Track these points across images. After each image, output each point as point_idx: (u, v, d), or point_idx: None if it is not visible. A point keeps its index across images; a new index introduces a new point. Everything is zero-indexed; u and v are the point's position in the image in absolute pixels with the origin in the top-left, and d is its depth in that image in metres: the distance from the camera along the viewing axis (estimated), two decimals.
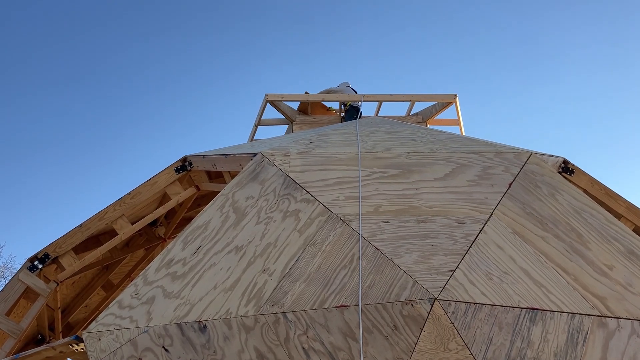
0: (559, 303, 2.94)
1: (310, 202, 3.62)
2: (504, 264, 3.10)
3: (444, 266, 2.99)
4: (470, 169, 3.97)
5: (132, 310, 3.24)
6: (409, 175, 3.89)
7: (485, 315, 2.79)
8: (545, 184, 3.91)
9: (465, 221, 3.39)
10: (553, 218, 3.60)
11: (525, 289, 2.97)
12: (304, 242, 3.33)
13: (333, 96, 8.95)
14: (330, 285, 3.00)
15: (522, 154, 4.19)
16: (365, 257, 3.11)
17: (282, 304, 2.96)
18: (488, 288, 2.90)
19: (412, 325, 2.75)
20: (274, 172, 3.98)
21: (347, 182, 3.82)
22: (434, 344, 2.73)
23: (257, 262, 3.30)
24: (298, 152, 4.19)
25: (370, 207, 3.54)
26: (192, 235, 3.67)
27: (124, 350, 3.07)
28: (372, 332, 2.79)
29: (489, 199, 3.62)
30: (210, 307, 3.09)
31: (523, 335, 2.80)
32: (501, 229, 3.37)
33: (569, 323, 2.88)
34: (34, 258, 4.94)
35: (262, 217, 3.63)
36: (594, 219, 3.70)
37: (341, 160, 4.10)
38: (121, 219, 5.21)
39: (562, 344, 2.83)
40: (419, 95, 8.72)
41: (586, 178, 4.67)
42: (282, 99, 8.55)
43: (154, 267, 3.50)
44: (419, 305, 2.76)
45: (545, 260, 3.23)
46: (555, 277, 3.12)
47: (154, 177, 5.20)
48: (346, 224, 3.38)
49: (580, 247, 3.41)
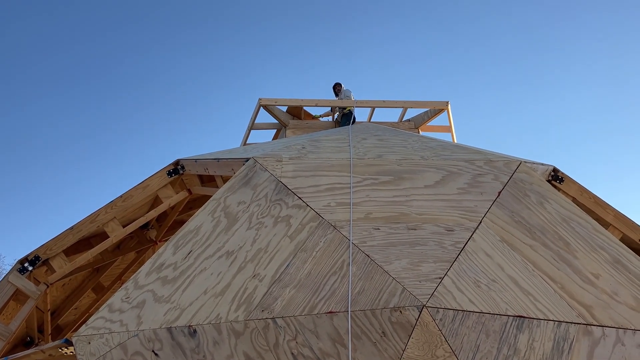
0: (546, 311, 2.98)
1: (302, 207, 3.64)
2: (492, 271, 3.14)
3: (432, 273, 3.02)
4: (460, 177, 4.01)
5: (122, 314, 3.25)
6: (399, 182, 3.92)
7: (472, 322, 2.82)
8: (534, 193, 3.96)
9: (455, 229, 3.42)
10: (541, 226, 3.64)
11: (512, 297, 3.00)
12: (294, 247, 3.36)
13: (326, 101, 8.99)
14: (320, 292, 3.02)
15: (511, 162, 4.23)
16: (355, 263, 3.14)
17: (272, 309, 2.98)
18: (476, 295, 2.94)
19: (400, 331, 2.77)
20: (266, 178, 4.00)
21: (338, 188, 3.85)
22: (421, 351, 2.76)
23: (248, 267, 3.31)
24: (290, 158, 4.22)
25: (361, 213, 3.57)
26: (183, 239, 3.69)
27: (113, 354, 3.07)
28: (361, 339, 2.82)
29: (479, 207, 3.66)
30: (200, 311, 3.11)
31: (510, 342, 2.83)
32: (490, 237, 3.41)
33: (555, 331, 2.91)
34: (24, 260, 4.92)
35: (253, 223, 3.65)
36: (582, 227, 3.74)
37: (333, 166, 4.13)
38: (112, 221, 5.20)
39: (548, 351, 2.86)
40: (411, 101, 8.79)
41: (575, 186, 4.73)
42: (276, 104, 8.58)
43: (145, 271, 3.51)
44: (407, 312, 2.79)
45: (532, 268, 3.27)
46: (543, 286, 3.16)
47: (146, 180, 5.20)
48: (337, 230, 3.40)
49: (567, 256, 3.45)
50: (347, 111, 8.87)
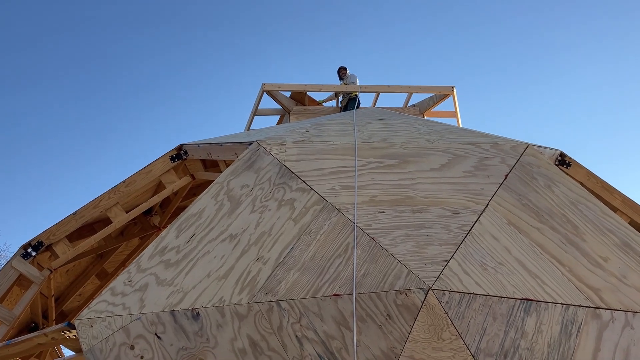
0: (554, 294, 2.93)
1: (306, 191, 3.60)
2: (498, 254, 3.09)
3: (438, 256, 2.97)
4: (466, 160, 3.95)
5: (124, 297, 3.22)
6: (405, 166, 3.87)
7: (479, 305, 2.78)
8: (541, 176, 3.90)
9: (461, 211, 3.37)
10: (549, 210, 3.59)
11: (519, 280, 2.96)
12: (298, 231, 3.32)
13: (330, 87, 8.92)
14: (324, 274, 2.98)
15: (518, 145, 4.17)
16: (359, 246, 3.10)
17: (275, 292, 2.95)
18: (482, 278, 2.89)
19: (405, 314, 2.74)
20: (270, 161, 3.95)
21: (343, 171, 3.80)
22: (427, 334, 2.73)
23: (252, 250, 3.28)
24: (294, 141, 4.17)
25: (365, 196, 3.52)
26: (187, 222, 3.65)
27: (116, 337, 3.05)
28: (366, 321, 2.78)
29: (485, 190, 3.61)
30: (203, 294, 3.08)
31: (517, 325, 2.79)
32: (497, 220, 3.36)
33: (563, 314, 2.87)
34: (28, 245, 4.90)
35: (257, 206, 3.61)
36: (590, 211, 3.69)
37: (337, 149, 4.08)
38: (116, 207, 5.17)
39: (556, 334, 2.82)
40: (416, 86, 8.70)
41: (583, 171, 4.67)
42: (279, 89, 8.52)
43: (148, 254, 3.48)
44: (413, 295, 2.75)
45: (540, 251, 3.22)
46: (550, 269, 3.11)
47: (149, 165, 5.17)
48: (341, 213, 3.36)
49: (575, 239, 3.40)
50: (353, 95, 8.80)
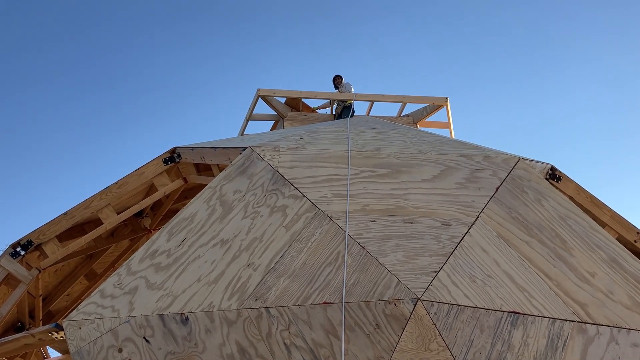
0: (541, 308, 2.96)
1: (298, 198, 3.61)
2: (487, 267, 3.12)
3: (428, 267, 3.00)
4: (458, 172, 3.98)
5: (114, 299, 3.21)
6: (397, 176, 3.89)
7: (467, 317, 2.80)
8: (531, 190, 3.94)
9: (451, 223, 3.40)
10: (538, 223, 3.62)
11: (507, 293, 2.98)
12: (290, 238, 3.33)
13: (325, 94, 8.96)
14: (314, 282, 2.99)
15: (510, 158, 4.21)
16: (350, 255, 3.11)
17: (265, 299, 2.96)
18: (471, 290, 2.92)
19: (394, 324, 2.75)
20: (263, 167, 3.97)
21: (335, 179, 3.82)
22: (415, 344, 2.74)
23: (242, 256, 3.29)
24: (288, 148, 4.18)
25: (357, 205, 3.54)
26: (178, 226, 3.65)
27: (104, 339, 3.04)
28: (354, 330, 2.79)
29: (476, 202, 3.64)
30: (193, 299, 3.08)
31: (504, 338, 2.81)
32: (486, 232, 3.39)
33: (550, 328, 2.90)
34: (17, 244, 4.89)
35: (249, 212, 3.62)
36: (579, 226, 3.73)
37: (331, 157, 4.10)
38: (107, 208, 5.17)
39: (542, 348, 2.85)
40: (410, 96, 8.76)
41: (573, 185, 4.71)
42: (274, 95, 8.54)
43: (138, 257, 3.48)
44: (402, 305, 2.77)
45: (528, 265, 3.25)
46: (538, 282, 3.14)
47: (141, 167, 5.16)
48: (333, 221, 3.38)
49: (564, 253, 3.43)
50: (348, 104, 8.84)
